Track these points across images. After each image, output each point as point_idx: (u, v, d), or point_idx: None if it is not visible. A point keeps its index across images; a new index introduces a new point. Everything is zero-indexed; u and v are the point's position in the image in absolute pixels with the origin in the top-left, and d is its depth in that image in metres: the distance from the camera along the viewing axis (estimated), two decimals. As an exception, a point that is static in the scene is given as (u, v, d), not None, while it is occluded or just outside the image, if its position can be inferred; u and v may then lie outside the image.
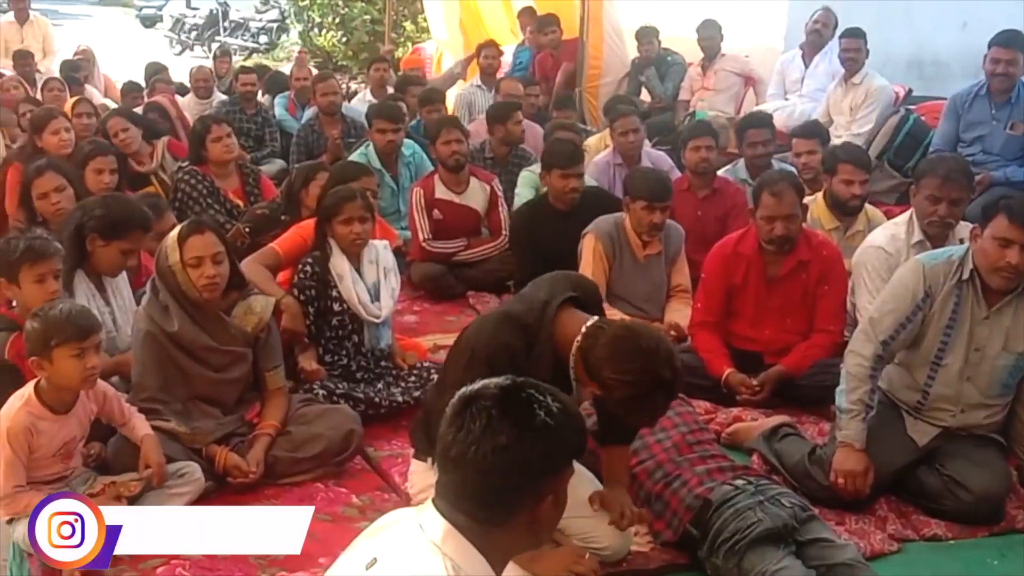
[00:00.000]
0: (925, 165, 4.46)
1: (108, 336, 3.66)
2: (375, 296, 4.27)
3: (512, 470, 1.71)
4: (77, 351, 3.06)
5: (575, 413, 1.82)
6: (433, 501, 1.79)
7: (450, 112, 8.24)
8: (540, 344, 2.84)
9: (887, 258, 4.23)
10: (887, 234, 4.34)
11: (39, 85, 8.81)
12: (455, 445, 1.74)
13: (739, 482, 3.14)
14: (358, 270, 4.25)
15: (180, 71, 11.68)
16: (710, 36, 8.66)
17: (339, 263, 4.20)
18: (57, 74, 9.23)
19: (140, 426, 3.34)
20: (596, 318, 2.87)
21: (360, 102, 9.42)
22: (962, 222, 4.26)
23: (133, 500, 3.16)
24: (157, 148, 6.41)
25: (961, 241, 4.17)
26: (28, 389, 3.13)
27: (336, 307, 4.20)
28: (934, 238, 4.19)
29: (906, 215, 4.36)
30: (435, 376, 4.21)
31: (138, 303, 4.05)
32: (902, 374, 3.60)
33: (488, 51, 9.27)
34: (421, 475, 3.19)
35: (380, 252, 4.37)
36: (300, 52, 13.77)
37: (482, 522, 1.75)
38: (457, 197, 5.95)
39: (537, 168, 5.74)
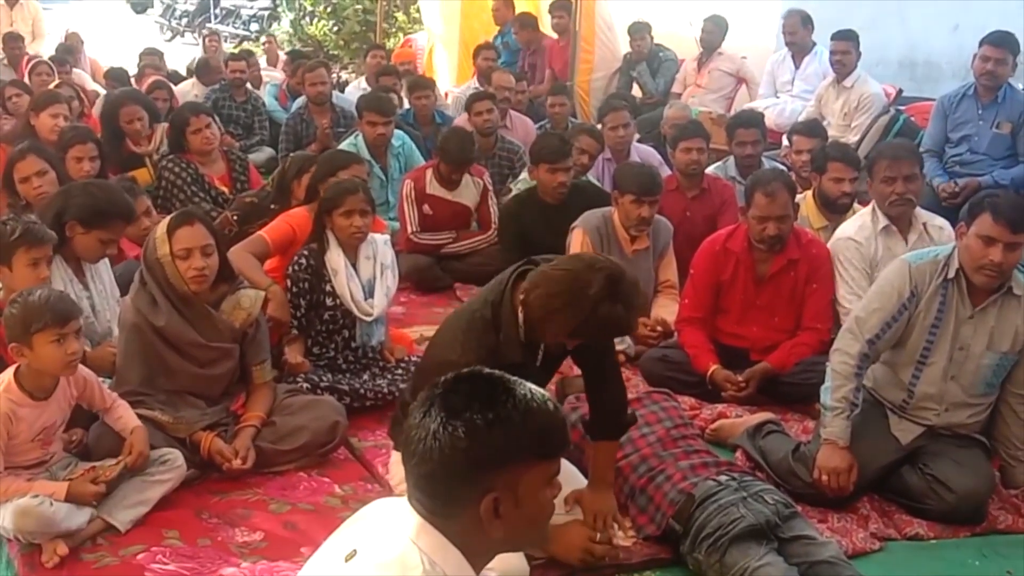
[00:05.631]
0: (872, 154, 4.73)
1: (86, 321, 3.63)
2: (369, 293, 4.23)
3: (441, 459, 1.68)
4: (57, 337, 3.03)
5: (535, 412, 1.73)
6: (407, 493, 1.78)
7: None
8: (505, 328, 2.83)
9: (857, 247, 4.38)
10: (855, 225, 4.49)
11: (27, 68, 8.77)
12: (405, 430, 1.75)
13: (723, 478, 3.14)
14: (354, 265, 4.20)
15: (170, 57, 11.61)
16: (712, 31, 8.68)
17: (335, 257, 4.16)
18: (45, 57, 9.17)
19: (128, 417, 3.31)
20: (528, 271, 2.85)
21: (356, 89, 9.39)
22: (925, 211, 4.51)
23: (113, 485, 3.15)
24: (156, 132, 6.38)
25: (924, 224, 4.41)
26: (7, 375, 3.10)
27: (329, 301, 4.16)
28: (899, 219, 4.36)
29: (870, 206, 4.51)
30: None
31: (117, 282, 4.03)
32: (887, 373, 3.61)
33: (485, 53, 9.27)
34: (400, 466, 3.16)
35: (380, 247, 4.32)
36: (268, 42, 13.76)
37: (433, 512, 1.73)
38: (449, 194, 5.92)
39: None
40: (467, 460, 1.68)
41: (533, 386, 1.79)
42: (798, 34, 7.99)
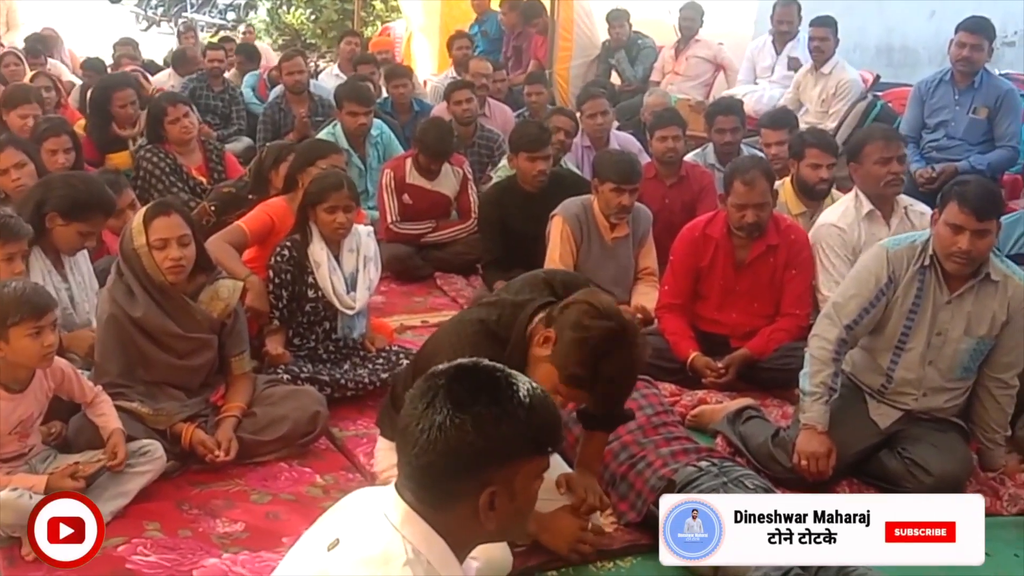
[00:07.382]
0: (860, 138, 4.70)
1: (64, 313, 3.61)
2: (351, 286, 4.22)
3: (445, 451, 1.67)
4: (34, 330, 3.00)
5: (537, 408, 1.74)
6: (395, 483, 1.78)
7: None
8: (510, 348, 2.75)
9: (840, 234, 4.41)
10: (838, 211, 4.51)
11: (-1, 59, 8.67)
12: (403, 419, 1.74)
13: (703, 464, 3.15)
14: (337, 258, 4.19)
15: (146, 47, 11.51)
16: (690, 17, 8.70)
17: (317, 250, 4.14)
18: (20, 47, 9.08)
19: (109, 416, 3.28)
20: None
21: (328, 76, 9.35)
22: (906, 196, 4.58)
23: (91, 480, 3.13)
24: (142, 118, 6.35)
25: (906, 208, 4.46)
26: (-19, 368, 3.07)
27: (311, 294, 4.15)
28: (883, 204, 4.40)
29: (852, 193, 4.54)
30: (403, 359, 4.19)
31: (97, 276, 4.00)
32: (866, 358, 3.63)
33: (460, 42, 9.24)
34: (386, 453, 3.15)
35: (363, 239, 4.31)
36: (247, 33, 13.72)
37: (426, 504, 1.73)
38: (428, 183, 5.91)
39: None
40: (473, 454, 1.68)
41: (532, 381, 1.79)
42: (794, 24, 7.98)
